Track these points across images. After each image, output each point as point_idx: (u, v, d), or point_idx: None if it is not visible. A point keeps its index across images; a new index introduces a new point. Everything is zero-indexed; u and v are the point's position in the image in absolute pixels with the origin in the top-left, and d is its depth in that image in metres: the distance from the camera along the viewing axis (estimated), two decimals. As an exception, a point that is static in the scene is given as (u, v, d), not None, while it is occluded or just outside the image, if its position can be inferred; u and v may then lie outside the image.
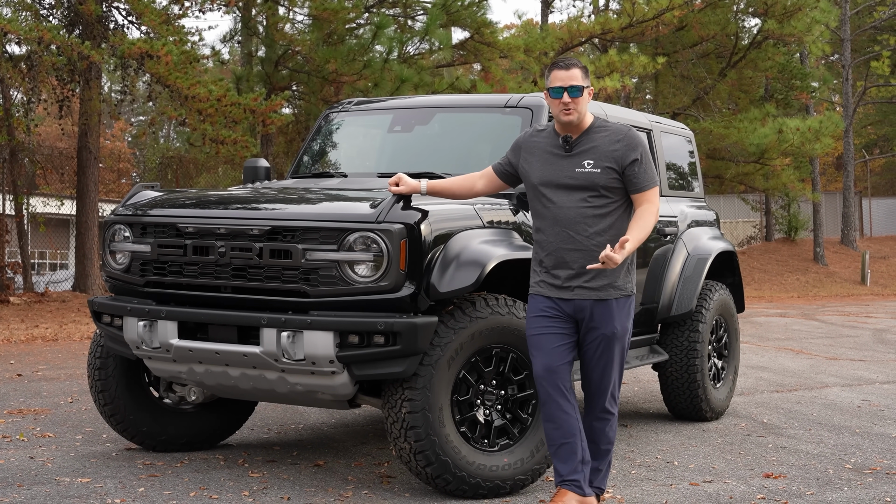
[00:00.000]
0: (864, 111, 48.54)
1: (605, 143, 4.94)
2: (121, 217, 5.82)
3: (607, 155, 4.91)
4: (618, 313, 4.93)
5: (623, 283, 4.94)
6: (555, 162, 4.98)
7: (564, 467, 4.96)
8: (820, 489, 5.72)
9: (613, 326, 4.92)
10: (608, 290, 4.89)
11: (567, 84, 4.91)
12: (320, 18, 19.99)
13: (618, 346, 4.97)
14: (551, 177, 4.96)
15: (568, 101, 4.90)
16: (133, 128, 46.65)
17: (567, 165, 4.95)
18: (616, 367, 5.01)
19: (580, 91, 4.91)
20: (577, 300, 4.89)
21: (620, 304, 4.95)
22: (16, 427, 7.12)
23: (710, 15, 27.78)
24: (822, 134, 26.81)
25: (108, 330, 5.83)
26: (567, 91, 4.90)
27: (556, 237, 4.92)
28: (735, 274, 8.43)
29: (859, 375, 10.80)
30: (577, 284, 4.88)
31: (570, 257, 4.89)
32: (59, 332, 14.07)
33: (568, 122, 4.94)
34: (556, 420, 4.94)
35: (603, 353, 4.96)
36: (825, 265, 34.84)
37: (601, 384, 5.02)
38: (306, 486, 5.57)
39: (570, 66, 4.96)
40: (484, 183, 5.32)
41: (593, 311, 4.90)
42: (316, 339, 5.10)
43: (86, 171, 19.19)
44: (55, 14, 19.24)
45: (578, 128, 4.99)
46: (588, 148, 4.95)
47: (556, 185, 4.94)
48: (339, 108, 7.54)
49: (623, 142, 4.93)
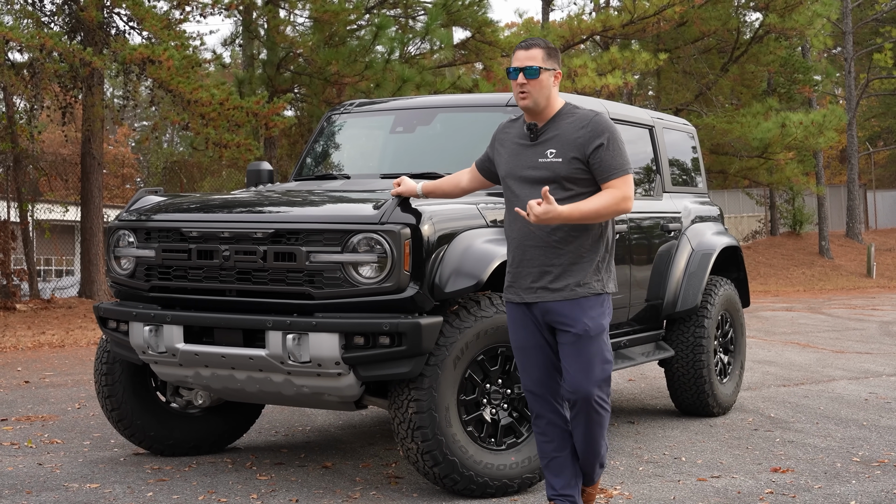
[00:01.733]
0: (868, 104, 48.44)
1: (569, 130, 4.58)
2: (125, 222, 5.83)
3: (571, 143, 4.55)
4: (588, 310, 4.57)
5: (591, 282, 4.58)
6: (520, 152, 4.68)
7: (558, 481, 4.78)
8: (828, 483, 5.72)
9: (584, 324, 4.55)
10: (574, 290, 4.56)
11: (523, 64, 4.56)
12: (321, 20, 20.00)
13: (593, 344, 4.58)
14: (515, 168, 4.67)
15: (523, 83, 4.55)
16: (136, 133, 46.70)
17: (531, 155, 4.63)
18: (594, 366, 4.59)
19: (536, 72, 4.54)
20: (541, 303, 4.60)
21: (591, 302, 4.58)
22: (24, 434, 7.14)
23: (711, 10, 27.75)
24: (825, 127, 26.76)
25: (114, 335, 5.84)
26: (523, 72, 4.55)
27: (517, 231, 4.63)
28: (740, 269, 8.42)
29: (866, 368, 10.79)
30: (540, 286, 4.59)
31: (530, 254, 4.60)
32: (65, 338, 14.09)
33: (524, 107, 4.60)
34: (547, 434, 4.78)
35: (578, 353, 4.58)
36: (830, 258, 34.79)
37: (582, 386, 4.57)
38: (314, 487, 5.58)
39: (531, 45, 4.61)
40: (468, 179, 5.11)
41: (561, 311, 4.57)
42: (321, 341, 5.11)
43: (90, 177, 19.21)
44: (56, 21, 19.26)
45: (544, 115, 4.64)
46: (552, 136, 4.60)
47: (519, 176, 4.64)
48: (341, 109, 7.55)
49: (588, 128, 4.55)
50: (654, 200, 7.47)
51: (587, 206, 4.45)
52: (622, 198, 4.52)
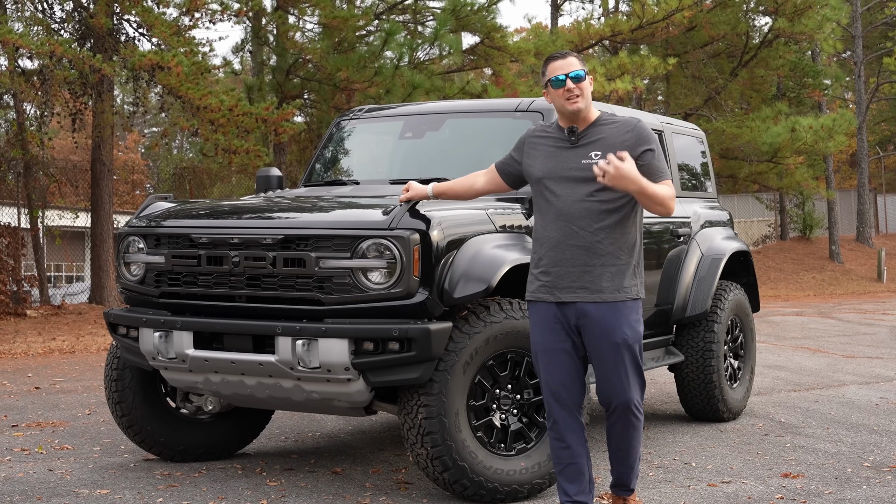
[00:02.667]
0: (878, 107, 48.32)
1: (614, 133, 4.69)
2: (135, 229, 5.85)
3: (617, 145, 4.63)
4: (625, 318, 4.63)
5: (629, 286, 4.65)
6: (559, 154, 4.73)
7: (572, 487, 4.77)
8: (839, 488, 5.70)
9: (623, 333, 4.62)
10: (613, 293, 4.61)
11: (567, 70, 4.68)
12: (330, 26, 20.03)
13: (630, 352, 4.65)
14: (555, 169, 4.71)
15: (572, 87, 4.66)
16: (146, 139, 46.80)
17: (572, 157, 4.69)
18: (634, 373, 4.69)
19: (582, 76, 4.68)
20: (578, 304, 4.63)
21: (628, 308, 4.65)
22: (34, 440, 7.15)
23: (721, 15, 27.73)
24: (835, 131, 26.71)
25: (124, 341, 5.85)
26: (569, 77, 4.68)
27: (557, 231, 4.65)
28: (750, 273, 8.41)
29: (877, 373, 10.76)
30: (580, 285, 4.62)
31: (570, 253, 4.62)
32: (75, 344, 14.12)
33: (574, 110, 4.69)
34: (565, 439, 4.76)
35: (616, 362, 4.64)
36: (841, 263, 34.70)
37: (621, 394, 4.68)
38: (324, 493, 5.58)
39: (565, 55, 4.75)
40: (485, 181, 5.12)
41: (598, 316, 4.61)
42: (331, 347, 5.12)
43: (100, 183, 19.26)
44: (66, 28, 19.32)
45: (584, 120, 4.74)
46: (596, 139, 4.69)
47: (561, 177, 4.68)
48: (350, 115, 7.56)
49: (633, 132, 4.68)
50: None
51: (654, 186, 4.53)
52: (673, 195, 4.62)
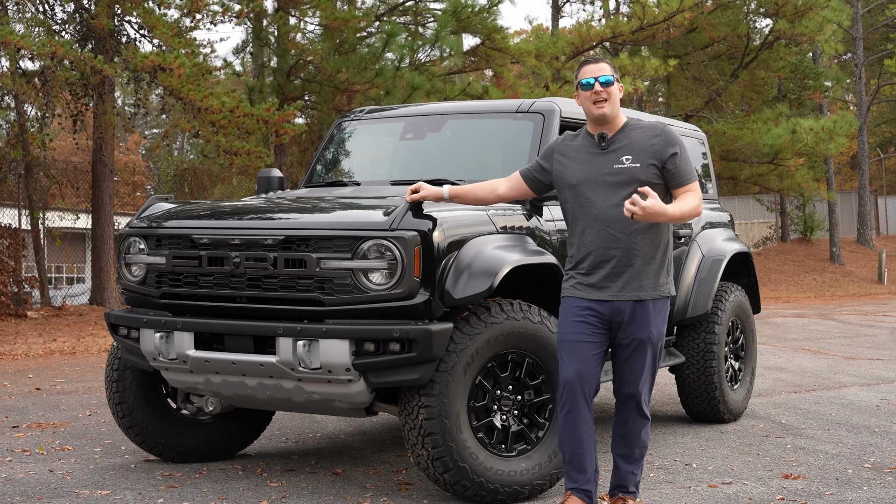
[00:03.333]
0: (878, 109, 48.32)
1: (642, 138, 4.88)
2: (136, 229, 5.85)
3: (646, 150, 4.84)
4: (654, 316, 4.87)
5: (662, 283, 4.90)
6: (591, 160, 4.91)
7: (580, 476, 4.93)
8: (839, 489, 5.70)
9: (650, 331, 4.87)
10: (647, 291, 4.84)
11: (597, 74, 4.89)
12: (331, 27, 20.05)
13: (652, 350, 4.91)
14: (589, 175, 4.89)
15: (600, 90, 4.86)
16: (147, 140, 46.80)
17: (604, 163, 4.88)
18: (650, 371, 4.95)
19: (611, 81, 4.88)
20: (615, 301, 4.83)
21: (658, 307, 4.89)
22: (35, 440, 7.15)
23: (721, 16, 27.75)
24: (836, 133, 26.72)
25: (125, 342, 5.85)
26: (598, 80, 4.87)
27: (595, 236, 4.84)
28: (750, 275, 8.41)
29: (877, 374, 10.76)
30: (619, 286, 4.82)
31: (610, 255, 4.82)
32: (76, 345, 14.12)
33: (601, 114, 4.88)
34: (577, 428, 4.88)
35: (638, 358, 4.90)
36: (841, 265, 34.70)
37: (635, 389, 4.93)
38: (325, 494, 5.58)
39: (598, 60, 4.96)
40: (508, 187, 5.26)
41: (632, 313, 4.83)
42: (332, 348, 5.11)
43: (101, 184, 19.26)
44: (67, 29, 19.32)
45: (613, 126, 4.93)
46: (625, 144, 4.88)
47: (595, 182, 4.86)
48: (351, 116, 7.56)
49: (661, 136, 4.88)
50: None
51: (682, 207, 4.77)
52: (699, 201, 4.86)
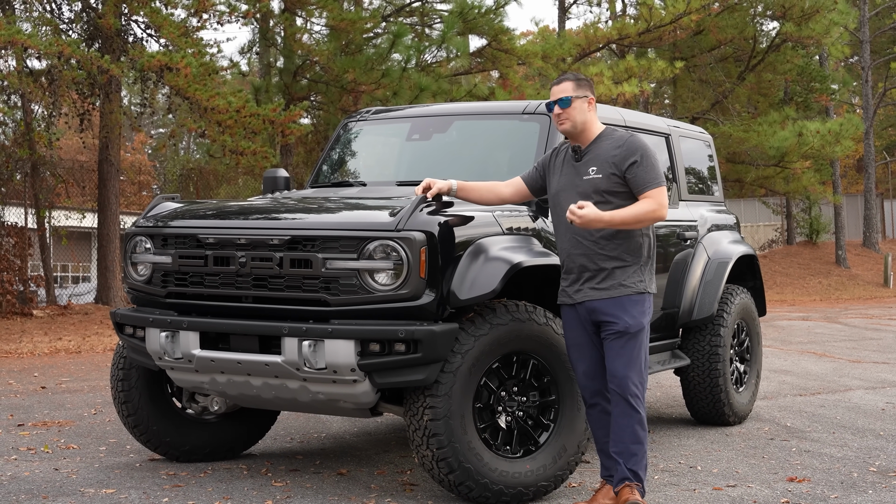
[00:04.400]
0: (885, 113, 48.23)
1: (607, 149, 5.16)
2: (142, 229, 5.85)
3: (608, 161, 5.12)
4: (630, 308, 5.08)
5: (633, 282, 5.10)
6: (568, 172, 5.26)
7: (610, 463, 5.19)
8: (844, 492, 5.69)
9: (625, 321, 5.06)
10: (618, 289, 5.08)
11: (556, 97, 5.20)
12: (338, 28, 20.04)
13: (633, 341, 5.08)
14: (565, 185, 5.24)
15: (559, 112, 5.19)
16: (153, 140, 46.87)
17: (576, 174, 5.21)
18: (632, 361, 5.08)
19: (567, 102, 5.16)
20: (587, 302, 5.12)
21: (632, 301, 5.10)
22: (40, 439, 7.16)
23: (728, 19, 27.73)
24: (842, 136, 26.70)
25: (131, 341, 5.86)
26: (557, 103, 5.18)
27: (567, 242, 5.20)
28: (756, 277, 8.40)
29: (883, 378, 10.74)
30: (589, 286, 5.11)
31: (578, 261, 5.15)
32: (82, 344, 14.14)
33: (564, 131, 5.23)
34: (598, 422, 5.27)
35: (619, 349, 5.07)
36: (847, 268, 34.65)
37: (621, 380, 5.07)
38: (329, 494, 5.58)
39: (561, 80, 5.27)
40: (511, 192, 5.53)
41: (605, 308, 5.08)
42: (337, 348, 5.12)
43: (107, 183, 19.29)
44: (74, 28, 19.35)
45: (585, 138, 5.23)
46: (593, 156, 5.19)
47: (568, 192, 5.20)
48: (357, 117, 7.57)
49: (623, 147, 5.13)
50: (671, 209, 7.45)
51: (625, 213, 5.02)
52: (657, 206, 5.07)
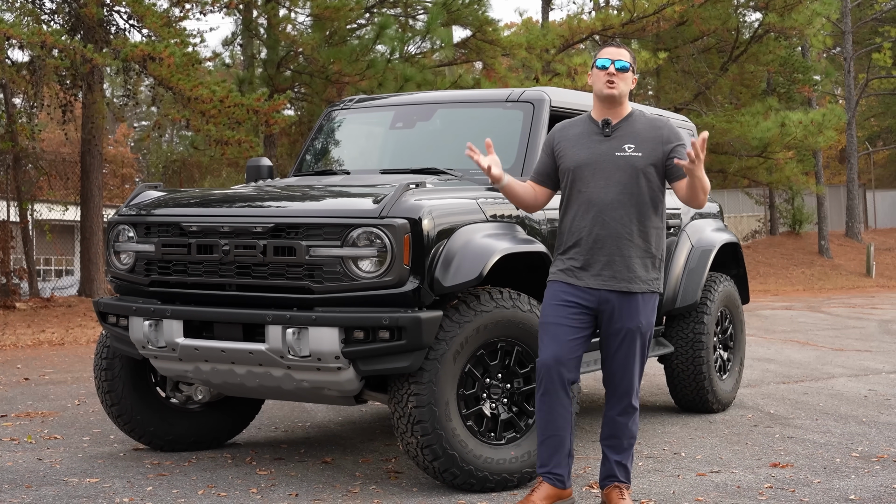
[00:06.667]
0: (867, 103, 48.42)
1: (646, 129, 4.92)
2: (124, 217, 5.84)
3: (649, 140, 4.88)
4: (643, 308, 4.88)
5: (651, 278, 4.89)
6: (592, 146, 4.91)
7: (551, 459, 4.91)
8: (827, 477, 5.72)
9: (638, 321, 4.86)
10: (637, 283, 4.83)
11: (615, 57, 4.90)
12: (322, 17, 19.99)
13: (640, 341, 4.90)
14: (589, 160, 4.89)
15: (613, 73, 4.87)
16: (136, 132, 46.70)
17: (606, 149, 4.88)
18: (639, 362, 4.94)
19: (627, 67, 4.89)
20: (602, 290, 4.82)
21: (646, 300, 4.89)
22: (24, 430, 7.14)
23: (711, 10, 27.76)
24: (824, 127, 26.77)
25: (114, 330, 5.84)
26: (614, 63, 4.88)
27: (589, 222, 4.84)
28: (739, 265, 8.41)
29: (866, 366, 10.79)
30: (609, 274, 4.81)
31: (602, 243, 4.82)
32: (65, 336, 14.09)
33: (610, 94, 4.88)
34: (553, 411, 4.86)
35: (627, 349, 4.89)
36: (830, 258, 34.78)
37: (624, 379, 4.93)
38: (314, 482, 5.58)
39: (621, 46, 4.99)
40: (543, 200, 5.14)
41: (619, 304, 4.83)
42: (321, 336, 5.11)
43: (89, 175, 19.20)
44: (57, 19, 19.25)
45: (618, 113, 4.96)
46: (628, 133, 4.90)
47: (594, 168, 4.86)
48: (340, 105, 7.55)
49: (664, 129, 4.91)
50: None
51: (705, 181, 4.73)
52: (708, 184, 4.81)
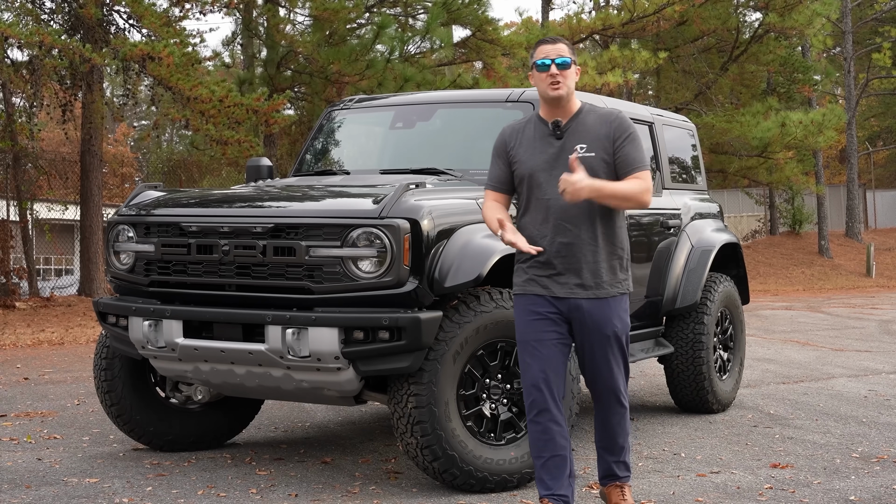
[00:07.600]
0: (867, 103, 48.43)
1: (597, 125, 4.70)
2: (124, 217, 5.83)
3: (599, 137, 4.66)
4: (615, 311, 4.69)
5: (621, 279, 4.72)
6: (545, 149, 4.71)
7: (553, 482, 4.68)
8: (827, 478, 5.72)
9: (613, 325, 4.67)
10: (604, 288, 4.64)
11: (554, 55, 4.66)
12: (321, 18, 19.99)
13: (618, 343, 4.72)
14: (544, 164, 4.68)
15: (556, 73, 4.64)
16: (136, 131, 46.69)
17: (559, 152, 4.67)
18: (621, 361, 4.76)
19: (568, 63, 4.66)
20: (571, 299, 4.63)
21: (617, 302, 4.70)
22: (23, 429, 7.14)
23: (711, 9, 27.76)
24: (825, 127, 26.76)
25: (114, 330, 5.84)
26: (554, 63, 4.65)
27: (550, 230, 4.64)
28: (739, 266, 8.41)
29: (865, 366, 10.79)
30: (575, 281, 4.62)
31: (566, 251, 4.62)
32: (64, 335, 14.08)
33: (556, 96, 4.67)
34: (548, 431, 4.67)
35: (606, 353, 4.70)
36: (830, 258, 34.78)
37: (609, 383, 4.75)
38: (314, 483, 5.57)
39: (556, 40, 4.73)
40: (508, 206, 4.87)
41: (589, 310, 4.64)
42: (321, 336, 5.11)
43: (89, 175, 19.19)
44: (56, 19, 19.25)
45: (567, 111, 4.74)
46: (579, 131, 4.70)
47: (549, 172, 4.65)
48: (340, 105, 7.55)
49: (614, 123, 4.69)
50: (654, 197, 7.44)
51: (616, 186, 4.57)
52: (645, 189, 4.63)
